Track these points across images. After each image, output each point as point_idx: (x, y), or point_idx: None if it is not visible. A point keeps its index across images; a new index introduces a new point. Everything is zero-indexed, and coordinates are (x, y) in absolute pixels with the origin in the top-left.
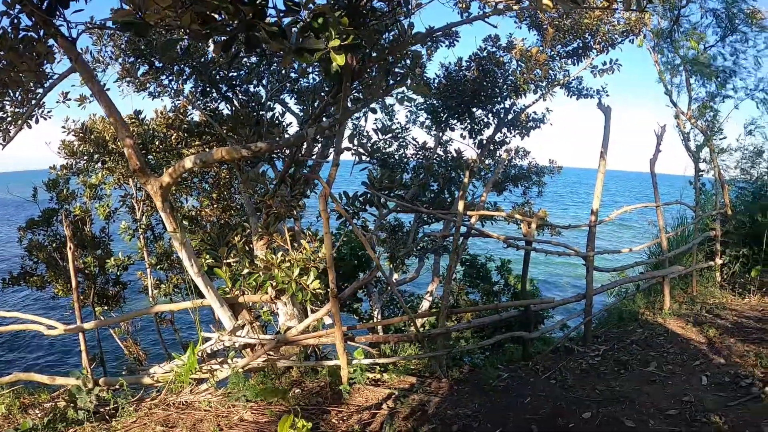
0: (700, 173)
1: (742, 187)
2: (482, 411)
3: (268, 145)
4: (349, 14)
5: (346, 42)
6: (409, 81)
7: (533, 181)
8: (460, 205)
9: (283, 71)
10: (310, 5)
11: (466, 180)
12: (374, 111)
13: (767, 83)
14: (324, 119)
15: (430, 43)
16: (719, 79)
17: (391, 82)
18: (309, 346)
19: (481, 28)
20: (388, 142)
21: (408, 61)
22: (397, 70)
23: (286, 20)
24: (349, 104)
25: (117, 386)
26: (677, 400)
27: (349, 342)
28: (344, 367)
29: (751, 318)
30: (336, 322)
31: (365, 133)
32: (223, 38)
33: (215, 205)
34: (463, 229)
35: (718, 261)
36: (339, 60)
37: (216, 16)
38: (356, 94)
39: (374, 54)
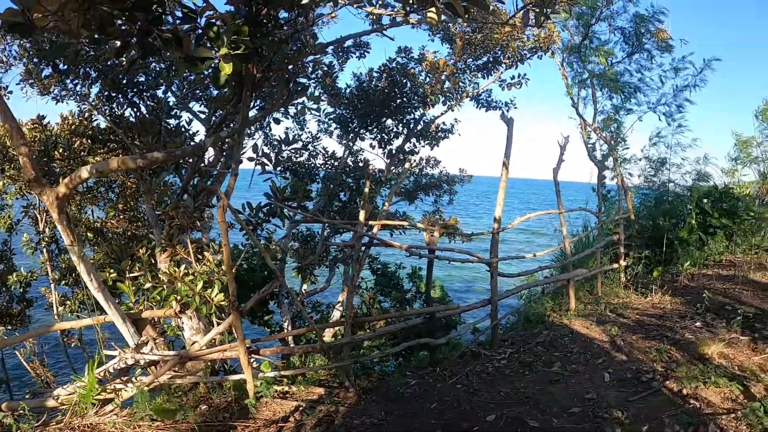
0: (603, 181)
1: (645, 194)
2: (388, 419)
3: (165, 155)
4: (249, 23)
5: (237, 51)
6: (309, 91)
7: (444, 189)
8: (362, 215)
9: (192, 77)
10: (208, 12)
11: (366, 190)
12: (277, 121)
13: (669, 98)
14: (225, 129)
15: (341, 54)
16: (624, 94)
17: (293, 92)
18: (216, 360)
19: (398, 40)
20: (299, 152)
21: (309, 70)
22: (300, 80)
23: (186, 27)
24: (256, 113)
25: (20, 411)
26: (580, 398)
27: (253, 355)
28: (250, 381)
29: (653, 316)
30: (238, 336)
31: (274, 142)
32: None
33: (122, 216)
34: (373, 237)
35: (622, 263)
36: (227, 69)
37: (117, 20)
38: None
39: (276, 63)
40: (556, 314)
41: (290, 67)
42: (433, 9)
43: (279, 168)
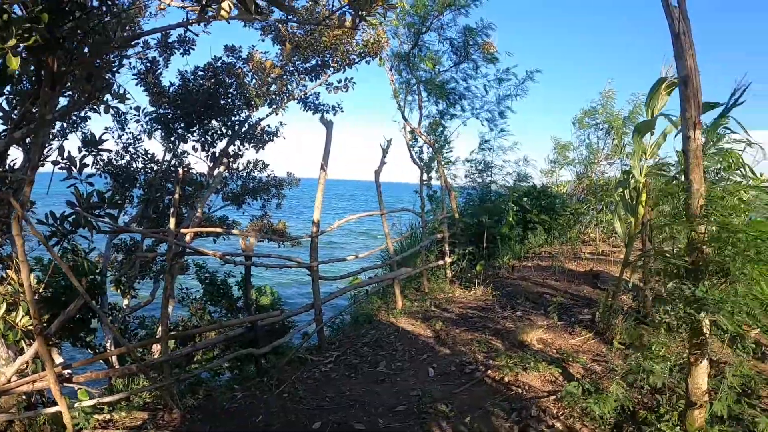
0: (430, 182)
1: (470, 194)
2: None
3: None
4: (50, 10)
5: (28, 42)
6: (115, 88)
7: (272, 193)
8: (172, 223)
9: None
10: None
11: (176, 196)
12: (84, 119)
13: (492, 105)
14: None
15: (165, 50)
16: (450, 100)
17: (96, 89)
18: (31, 393)
19: (233, 39)
20: (120, 155)
21: (116, 65)
22: (108, 76)
23: None
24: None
25: None
26: (406, 395)
27: (66, 384)
28: (65, 412)
29: (476, 308)
30: (46, 363)
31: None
32: None
33: None
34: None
35: (448, 260)
36: (14, 64)
37: None
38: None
39: (82, 56)
40: (384, 313)
41: (97, 61)
42: (225, 4)
43: (87, 172)
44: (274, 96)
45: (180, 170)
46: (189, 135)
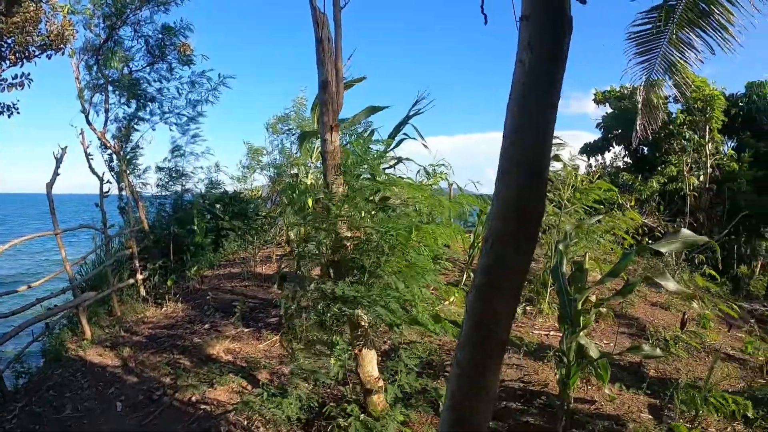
0: (105, 194)
1: (162, 203)
2: None
3: None
4: None
5: None
6: None
7: None
8: None
9: None
10: None
11: None
12: None
13: (184, 109)
14: None
15: None
16: (140, 102)
17: None
18: None
19: None
20: None
21: None
22: None
23: None
24: None
25: None
26: None
27: None
28: None
29: (166, 326)
30: None
31: None
32: None
33: None
34: None
35: (140, 276)
36: None
37: None
38: None
39: None
40: (74, 347)
41: None
42: None
43: None
44: None
45: None
46: None
